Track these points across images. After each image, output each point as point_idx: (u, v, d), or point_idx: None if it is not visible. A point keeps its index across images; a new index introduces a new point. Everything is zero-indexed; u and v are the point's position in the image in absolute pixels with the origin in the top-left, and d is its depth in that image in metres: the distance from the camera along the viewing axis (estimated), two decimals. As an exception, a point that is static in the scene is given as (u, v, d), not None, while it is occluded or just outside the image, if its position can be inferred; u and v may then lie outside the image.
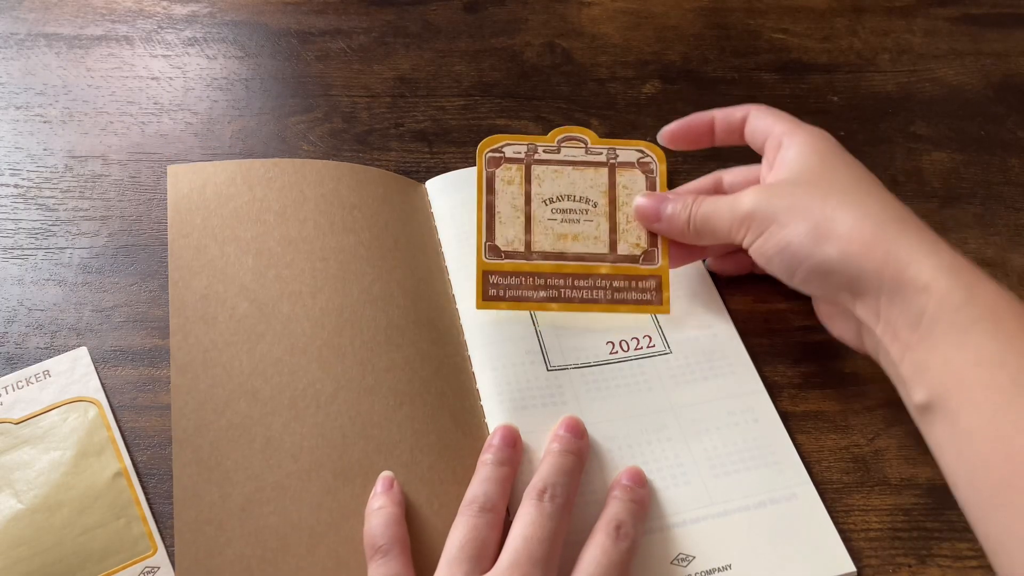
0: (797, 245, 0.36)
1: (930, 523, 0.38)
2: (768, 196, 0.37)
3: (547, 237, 0.42)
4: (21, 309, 0.43)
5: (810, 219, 0.35)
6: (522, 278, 0.41)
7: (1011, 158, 0.52)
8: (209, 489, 0.36)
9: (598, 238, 0.42)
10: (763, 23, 0.60)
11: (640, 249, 0.42)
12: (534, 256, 0.42)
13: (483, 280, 0.41)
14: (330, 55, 0.57)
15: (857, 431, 0.41)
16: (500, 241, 0.42)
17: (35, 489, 0.37)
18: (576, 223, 0.42)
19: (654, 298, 0.42)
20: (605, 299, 0.42)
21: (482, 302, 0.41)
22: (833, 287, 0.36)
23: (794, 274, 0.37)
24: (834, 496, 0.38)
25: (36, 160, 0.49)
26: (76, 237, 0.46)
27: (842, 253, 0.35)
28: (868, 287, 0.34)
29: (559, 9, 0.60)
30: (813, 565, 0.36)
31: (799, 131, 0.39)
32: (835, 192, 0.36)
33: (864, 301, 0.35)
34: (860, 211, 0.35)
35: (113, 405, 0.40)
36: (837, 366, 0.43)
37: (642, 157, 0.44)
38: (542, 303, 0.41)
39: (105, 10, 0.58)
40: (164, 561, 0.36)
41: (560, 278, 0.42)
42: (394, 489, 0.36)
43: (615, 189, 0.43)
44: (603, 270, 0.42)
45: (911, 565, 0.36)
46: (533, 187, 0.43)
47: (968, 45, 0.59)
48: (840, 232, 0.35)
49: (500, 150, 0.43)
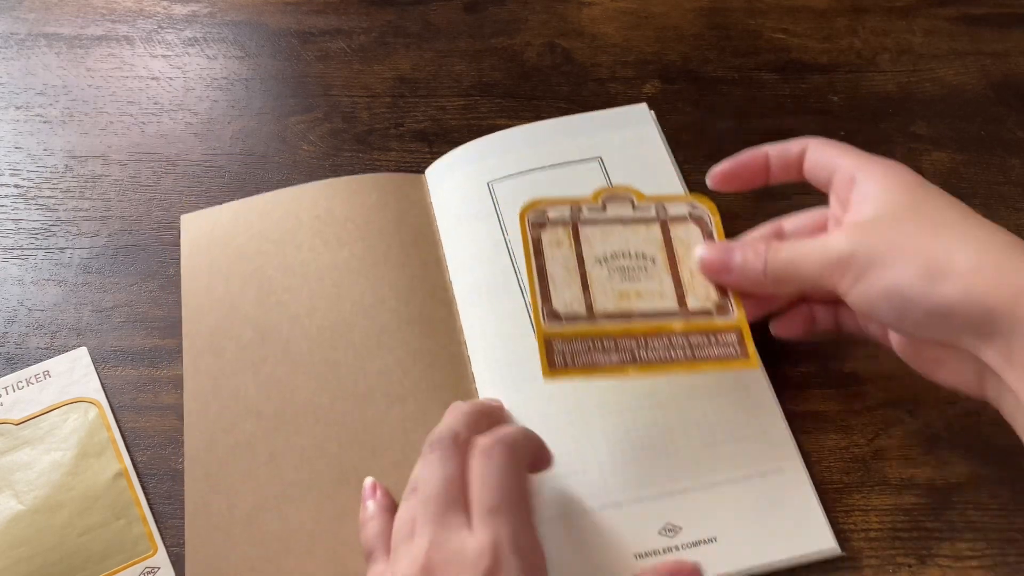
0: (909, 286, 0.32)
1: (930, 523, 0.38)
2: (865, 235, 0.33)
3: (608, 297, 0.39)
4: (21, 309, 0.43)
5: (921, 256, 0.32)
6: (589, 342, 0.37)
7: (1011, 158, 0.52)
8: (217, 500, 0.38)
9: (663, 294, 0.39)
10: (763, 23, 0.60)
11: (712, 302, 0.39)
12: (598, 318, 0.38)
13: (547, 349, 0.37)
14: (330, 55, 0.57)
15: (857, 431, 0.41)
16: (558, 305, 0.38)
17: (36, 490, 0.37)
18: (637, 280, 0.39)
19: (738, 352, 0.38)
20: (684, 357, 0.37)
21: (549, 371, 0.37)
22: (955, 330, 0.32)
23: (905, 318, 0.33)
24: (834, 496, 0.38)
25: (36, 160, 0.49)
26: (76, 237, 0.46)
27: (965, 291, 0.31)
28: (999, 328, 0.30)
29: (559, 9, 0.60)
30: (797, 543, 0.36)
31: (873, 164, 0.36)
32: (944, 225, 0.32)
33: (993, 345, 0.31)
34: (979, 243, 0.31)
35: (113, 405, 0.40)
36: (837, 366, 0.43)
37: (692, 210, 0.42)
38: (617, 367, 0.37)
39: (105, 10, 0.58)
40: (164, 561, 0.36)
41: (631, 339, 0.37)
42: (379, 493, 0.37)
43: (671, 244, 0.40)
44: (676, 327, 0.38)
45: (911, 565, 0.36)
46: (584, 248, 0.40)
47: (968, 45, 0.59)
48: (960, 268, 0.31)
49: (543, 214, 0.41)
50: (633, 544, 0.36)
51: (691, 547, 0.36)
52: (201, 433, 0.40)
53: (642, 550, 0.36)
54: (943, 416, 0.41)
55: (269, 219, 0.47)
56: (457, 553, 0.30)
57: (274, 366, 0.42)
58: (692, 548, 0.36)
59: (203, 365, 0.42)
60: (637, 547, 0.36)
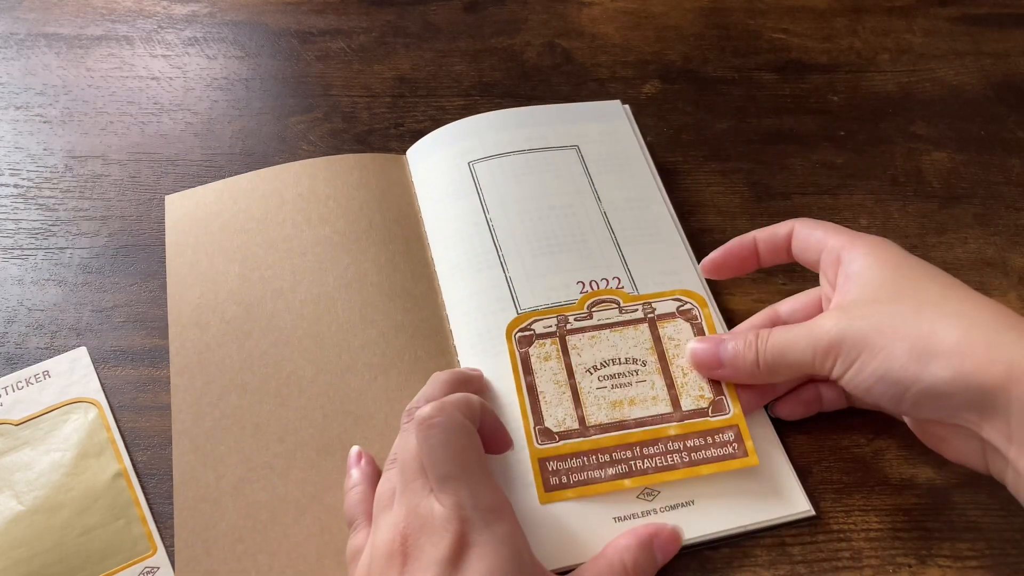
0: (899, 369, 0.32)
1: (930, 523, 0.38)
2: (851, 319, 0.33)
3: (600, 408, 0.39)
4: (21, 309, 0.43)
5: (908, 338, 0.32)
6: (584, 458, 0.37)
7: (1011, 158, 0.52)
8: (205, 472, 0.39)
9: (656, 397, 0.39)
10: (763, 23, 0.60)
11: (707, 401, 0.39)
12: (591, 431, 0.38)
13: (540, 469, 0.37)
14: (330, 55, 0.57)
15: (857, 431, 0.40)
16: (550, 423, 0.38)
17: (35, 490, 0.37)
18: (629, 387, 0.39)
19: (737, 451, 0.38)
20: (681, 463, 0.37)
21: (545, 495, 0.37)
22: (953, 410, 0.32)
23: (902, 401, 0.32)
24: (834, 496, 0.38)
25: (36, 160, 0.49)
26: (76, 237, 0.46)
27: (956, 372, 0.30)
28: (995, 406, 0.30)
29: (559, 9, 0.60)
30: (772, 506, 0.37)
31: (858, 242, 0.36)
32: (927, 303, 0.32)
33: (992, 422, 0.31)
34: (965, 320, 0.31)
35: (113, 405, 0.40)
36: (837, 366, 0.43)
37: (681, 305, 0.42)
38: (613, 481, 0.37)
39: (105, 10, 0.58)
40: (164, 561, 0.36)
41: (626, 449, 0.38)
42: (363, 461, 0.38)
43: (661, 343, 0.41)
44: (671, 431, 0.38)
45: (911, 565, 0.36)
46: (572, 359, 0.40)
47: (968, 45, 0.59)
48: (947, 348, 0.31)
49: (529, 328, 0.41)
50: (613, 507, 0.37)
51: (669, 510, 0.37)
52: (188, 406, 0.40)
53: (621, 513, 0.37)
54: (943, 416, 0.41)
55: (252, 197, 0.47)
56: (428, 519, 0.31)
57: (258, 339, 0.42)
58: (670, 511, 0.37)
59: (189, 340, 0.42)
60: (616, 511, 0.37)
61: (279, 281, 0.44)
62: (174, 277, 0.45)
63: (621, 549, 0.35)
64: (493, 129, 0.49)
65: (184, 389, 0.41)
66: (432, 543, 0.30)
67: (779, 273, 0.46)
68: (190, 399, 0.41)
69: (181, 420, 0.40)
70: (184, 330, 0.43)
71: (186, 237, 0.46)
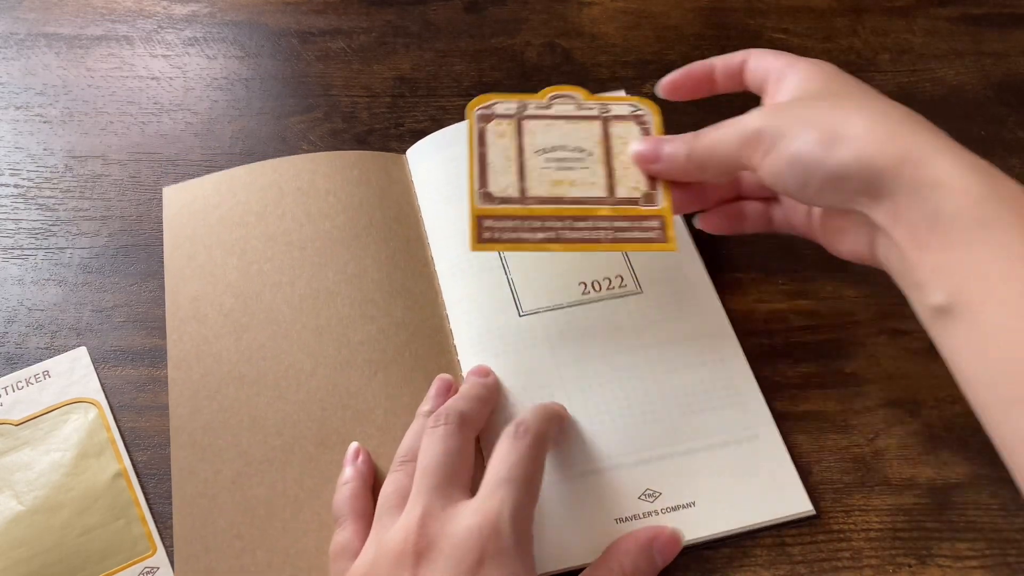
0: (808, 153, 0.34)
1: (930, 523, 0.38)
2: (774, 112, 0.36)
3: (542, 184, 0.41)
4: (21, 309, 0.43)
5: (820, 126, 0.34)
6: (518, 221, 0.40)
7: (1011, 158, 0.52)
8: (203, 467, 0.38)
9: (595, 183, 0.41)
10: (763, 23, 0.60)
11: (640, 192, 0.41)
12: (529, 201, 0.40)
13: (477, 225, 0.40)
14: (330, 55, 0.57)
15: (857, 431, 0.40)
16: (494, 188, 0.41)
17: (35, 490, 0.37)
18: (571, 170, 0.41)
19: (659, 236, 0.40)
20: (607, 239, 0.40)
21: (476, 244, 0.39)
22: (849, 193, 0.34)
23: (807, 185, 0.35)
24: (834, 496, 0.38)
25: (36, 160, 0.49)
26: (76, 237, 0.46)
27: (857, 155, 0.33)
28: (885, 188, 0.33)
29: (559, 9, 0.60)
30: (773, 505, 0.37)
31: (800, 62, 0.38)
32: (845, 101, 0.35)
33: (881, 204, 0.33)
34: (874, 114, 0.34)
35: (113, 405, 0.40)
36: (837, 366, 0.43)
37: (635, 111, 0.43)
38: (541, 244, 0.39)
39: (105, 10, 0.58)
40: (164, 561, 0.36)
41: (558, 220, 0.40)
42: (360, 459, 0.38)
43: (609, 139, 0.42)
44: (603, 212, 0.40)
45: (911, 565, 0.36)
46: (525, 139, 0.42)
47: (968, 45, 0.59)
48: (853, 134, 0.33)
49: (490, 107, 0.43)
50: (614, 509, 0.37)
51: (670, 511, 0.37)
52: (185, 400, 0.40)
53: (623, 514, 0.37)
54: (943, 416, 0.41)
55: (251, 190, 0.47)
56: (452, 521, 0.32)
57: (256, 332, 0.42)
58: (671, 512, 0.37)
59: (186, 332, 0.42)
60: (618, 512, 0.37)
61: (278, 274, 0.44)
62: (172, 270, 0.45)
63: (621, 554, 0.35)
64: None
65: (181, 383, 0.41)
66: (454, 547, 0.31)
67: (779, 273, 0.46)
68: (187, 393, 0.40)
69: (179, 415, 0.40)
70: (182, 323, 0.43)
71: (184, 229, 0.46)
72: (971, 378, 0.31)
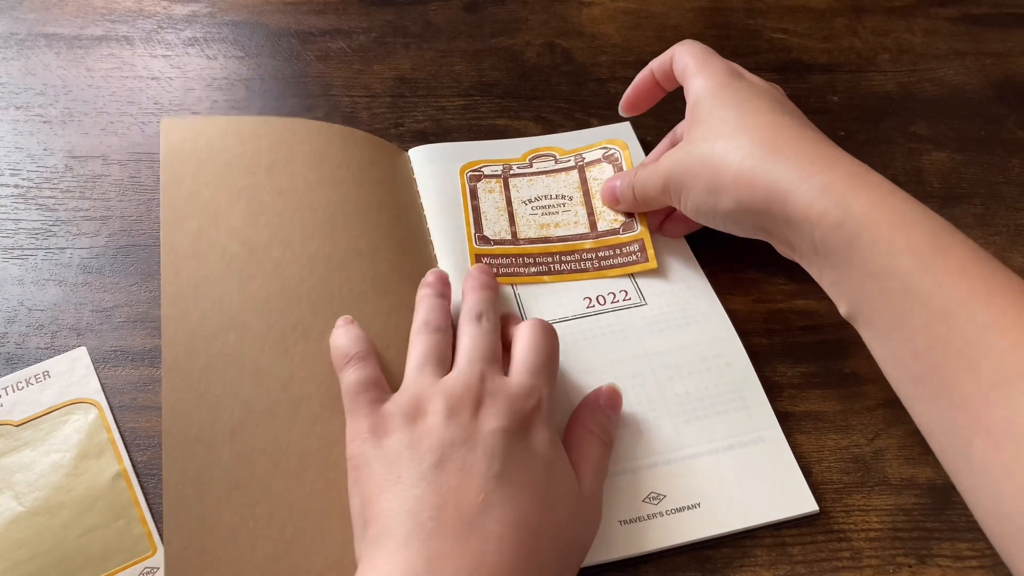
0: (703, 203, 0.39)
1: (930, 523, 0.38)
2: (675, 161, 0.40)
3: (531, 227, 0.46)
4: (21, 309, 0.43)
5: (704, 176, 0.38)
6: (512, 259, 0.45)
7: (1011, 158, 0.52)
8: (199, 412, 0.37)
9: (578, 223, 0.46)
10: (763, 23, 0.60)
11: (619, 223, 0.46)
12: (521, 242, 0.45)
13: (475, 262, 0.44)
14: (330, 55, 0.57)
15: (857, 431, 0.41)
16: (488, 232, 0.46)
17: (35, 491, 0.37)
18: (556, 215, 0.47)
19: (640, 257, 0.45)
20: (594, 267, 0.45)
21: None
22: (749, 229, 0.39)
23: (715, 224, 0.40)
24: (834, 496, 0.38)
25: (36, 160, 0.49)
26: (76, 237, 0.46)
27: (736, 202, 0.37)
28: (768, 224, 0.37)
29: (559, 9, 0.60)
30: (778, 505, 0.37)
31: (705, 67, 0.41)
32: (720, 137, 0.38)
33: (775, 236, 0.38)
34: (740, 153, 0.37)
35: (113, 406, 0.40)
36: (837, 366, 0.43)
37: (606, 152, 0.49)
38: (534, 277, 0.44)
39: (105, 10, 0.58)
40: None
41: (547, 256, 0.45)
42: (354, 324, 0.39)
43: (587, 183, 0.48)
44: (588, 245, 0.45)
45: (911, 565, 0.36)
46: (512, 193, 0.48)
47: (968, 45, 0.59)
48: (727, 182, 0.37)
49: (479, 170, 0.48)
50: (618, 511, 0.37)
51: (675, 513, 0.37)
52: (180, 341, 0.39)
53: (626, 517, 0.37)
54: (943, 416, 0.41)
55: (260, 143, 0.46)
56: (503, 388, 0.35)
57: (263, 283, 0.41)
58: (676, 513, 0.37)
59: (183, 269, 0.41)
60: (622, 514, 0.37)
61: (287, 231, 0.43)
62: (169, 204, 0.43)
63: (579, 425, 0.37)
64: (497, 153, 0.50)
65: (176, 320, 0.39)
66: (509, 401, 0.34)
67: (779, 273, 0.46)
68: (183, 333, 0.39)
69: (172, 355, 0.38)
70: (179, 259, 0.41)
71: (185, 166, 0.45)
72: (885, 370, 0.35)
